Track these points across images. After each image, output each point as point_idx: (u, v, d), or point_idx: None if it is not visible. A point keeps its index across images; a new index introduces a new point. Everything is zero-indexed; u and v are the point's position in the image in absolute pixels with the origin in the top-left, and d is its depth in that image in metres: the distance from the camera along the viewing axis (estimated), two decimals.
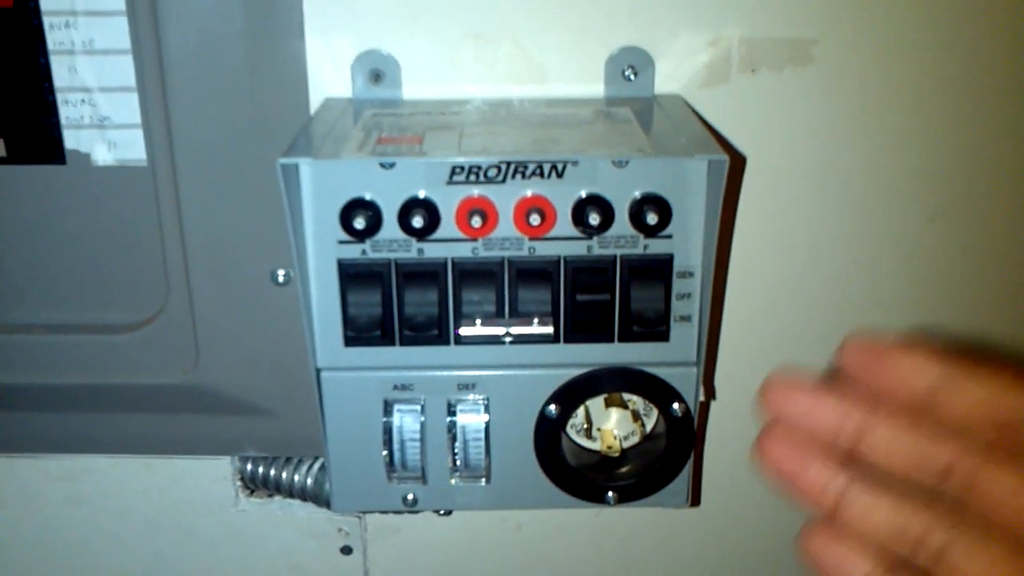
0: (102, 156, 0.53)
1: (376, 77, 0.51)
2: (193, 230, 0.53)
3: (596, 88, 0.51)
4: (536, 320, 0.45)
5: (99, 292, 0.56)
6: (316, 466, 0.60)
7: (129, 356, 0.56)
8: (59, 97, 0.52)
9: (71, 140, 0.53)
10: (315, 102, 0.51)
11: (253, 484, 0.61)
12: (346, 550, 0.63)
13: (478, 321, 0.45)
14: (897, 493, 0.31)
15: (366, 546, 0.63)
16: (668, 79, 0.51)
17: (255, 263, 0.54)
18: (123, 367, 0.56)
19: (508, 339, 0.45)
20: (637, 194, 0.44)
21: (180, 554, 0.63)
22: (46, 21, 0.50)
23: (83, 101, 0.52)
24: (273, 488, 0.61)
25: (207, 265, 0.54)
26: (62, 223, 0.54)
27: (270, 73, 0.50)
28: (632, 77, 0.51)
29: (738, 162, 0.51)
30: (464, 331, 0.45)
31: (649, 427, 0.49)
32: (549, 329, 0.45)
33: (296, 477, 0.60)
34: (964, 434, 0.30)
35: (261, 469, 0.61)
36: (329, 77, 0.51)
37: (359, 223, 0.43)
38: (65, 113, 0.52)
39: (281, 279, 0.54)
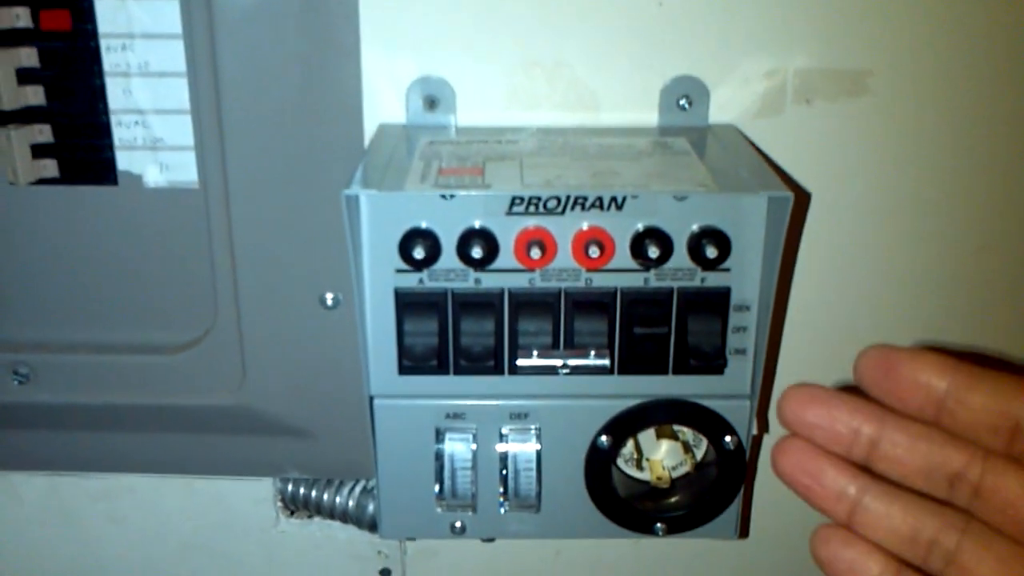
0: (154, 178, 0.53)
1: (431, 103, 0.51)
2: (243, 252, 0.53)
3: (650, 117, 0.51)
4: (593, 352, 0.45)
5: (148, 312, 0.56)
6: (357, 488, 0.60)
7: (176, 376, 0.56)
8: (113, 119, 0.52)
9: (123, 161, 0.53)
10: (368, 126, 0.51)
11: (294, 505, 0.61)
12: (385, 572, 0.63)
13: (534, 352, 0.45)
14: (909, 499, 0.32)
15: (405, 569, 0.62)
16: (722, 109, 0.51)
17: (304, 286, 0.54)
18: (169, 387, 0.56)
19: (565, 371, 0.45)
20: (696, 228, 0.43)
21: (219, 575, 0.63)
22: (103, 43, 0.50)
23: (136, 123, 0.52)
24: (313, 510, 0.61)
25: (256, 287, 0.54)
26: (113, 243, 0.55)
27: (324, 97, 0.50)
28: (687, 107, 0.50)
29: (802, 199, 0.51)
30: (521, 362, 0.45)
31: (699, 456, 0.49)
32: (606, 361, 0.45)
33: (338, 499, 0.60)
34: (974, 441, 0.31)
35: (302, 490, 0.61)
36: (383, 102, 0.51)
37: (418, 253, 0.43)
38: (118, 134, 0.52)
39: (330, 303, 0.54)
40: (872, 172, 0.52)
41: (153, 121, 0.52)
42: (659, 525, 0.49)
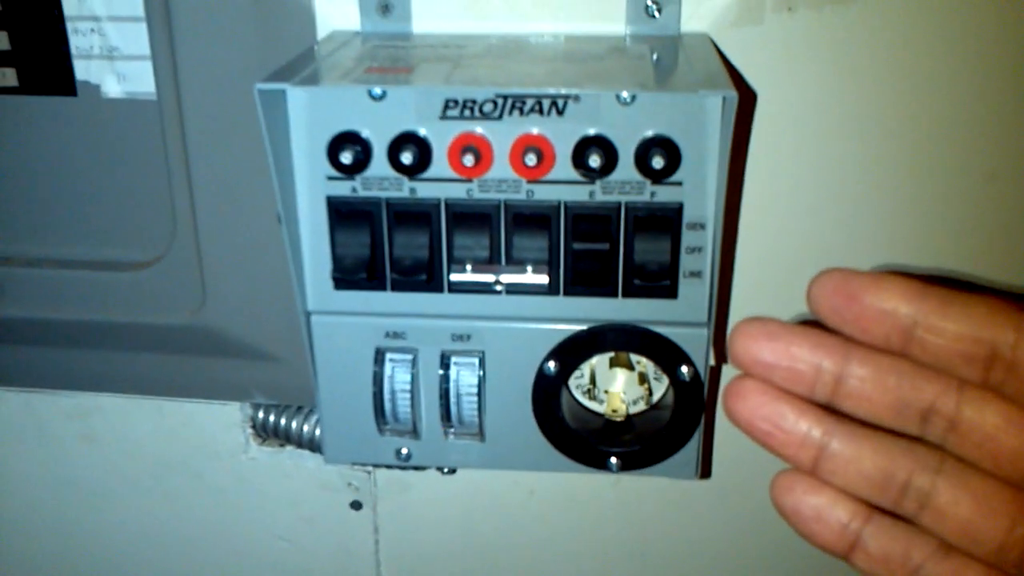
0: (112, 88, 0.52)
1: (384, 9, 0.48)
2: (199, 167, 0.51)
3: (619, 26, 0.47)
4: (531, 268, 0.42)
5: (108, 228, 0.55)
6: None
7: (138, 294, 0.55)
8: (69, 26, 0.51)
9: (81, 71, 0.52)
10: (322, 33, 0.48)
11: (264, 432, 0.60)
12: (356, 505, 0.61)
13: (468, 267, 0.42)
14: (879, 439, 0.30)
15: (376, 502, 0.61)
16: (695, 17, 0.47)
17: (261, 203, 0.52)
18: (131, 305, 0.55)
19: (500, 287, 0.43)
20: (643, 135, 0.40)
21: (190, 497, 0.62)
22: None
23: (92, 30, 0.51)
24: (284, 437, 0.60)
25: (213, 204, 0.52)
26: (73, 156, 0.54)
27: (276, 3, 0.48)
28: (656, 14, 0.47)
29: (748, 99, 0.47)
30: (454, 277, 0.43)
31: (659, 393, 0.46)
32: (544, 279, 0.42)
33: (306, 427, 0.59)
34: (947, 371, 0.28)
35: (272, 417, 0.60)
36: (339, 8, 0.48)
37: (347, 157, 0.41)
38: (75, 42, 0.51)
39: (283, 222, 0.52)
40: (858, 87, 0.47)
41: (109, 28, 0.51)
42: (613, 460, 0.46)
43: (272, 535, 0.63)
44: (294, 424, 0.59)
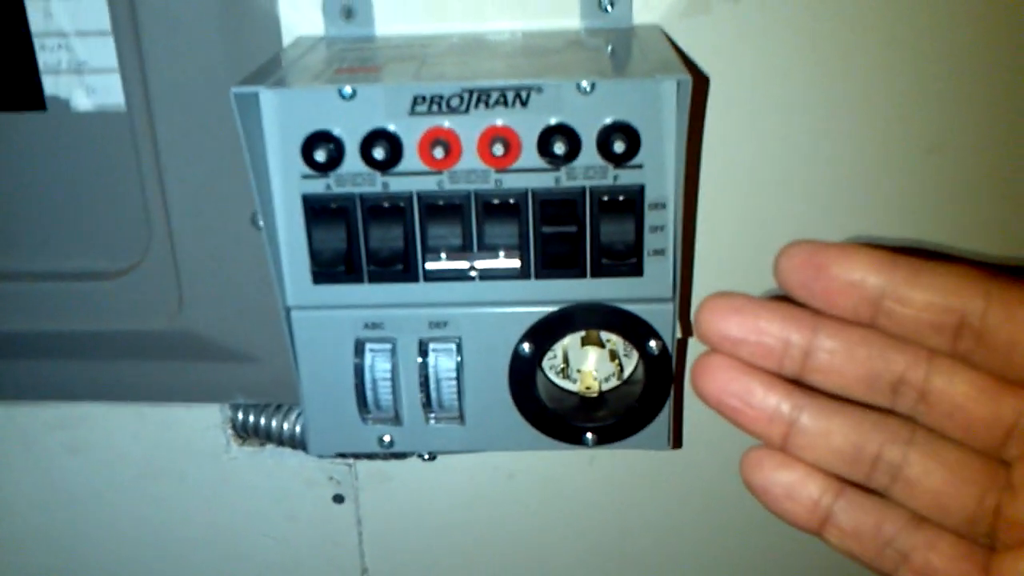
0: (81, 102, 0.53)
1: (347, 13, 0.50)
2: (172, 175, 0.53)
3: (574, 21, 0.50)
4: (502, 254, 0.44)
5: (83, 239, 0.56)
6: None
7: (114, 303, 0.56)
8: (36, 42, 0.52)
9: (50, 86, 0.53)
10: (287, 40, 0.50)
11: (244, 432, 0.61)
12: (338, 499, 0.63)
13: (442, 255, 0.44)
14: (849, 412, 0.30)
15: (358, 494, 0.62)
16: (646, 9, 0.49)
17: (234, 207, 0.53)
18: (109, 314, 0.56)
19: (474, 273, 0.45)
20: (603, 122, 0.42)
21: (174, 501, 0.63)
22: None
23: (60, 46, 0.52)
24: (264, 436, 0.61)
25: (187, 210, 0.53)
26: (45, 170, 0.55)
27: (241, 11, 0.49)
28: (609, 8, 0.49)
29: (701, 82, 0.50)
30: (429, 265, 0.45)
31: (629, 369, 0.48)
32: (516, 263, 0.44)
33: (286, 425, 0.60)
34: (916, 341, 0.28)
35: (252, 417, 0.61)
36: (302, 15, 0.50)
37: (320, 156, 0.42)
38: (43, 58, 0.52)
39: (261, 223, 0.53)
40: (805, 69, 0.50)
41: (76, 44, 0.52)
42: (589, 436, 0.49)
43: (257, 532, 0.64)
44: (274, 423, 0.61)
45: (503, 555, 0.64)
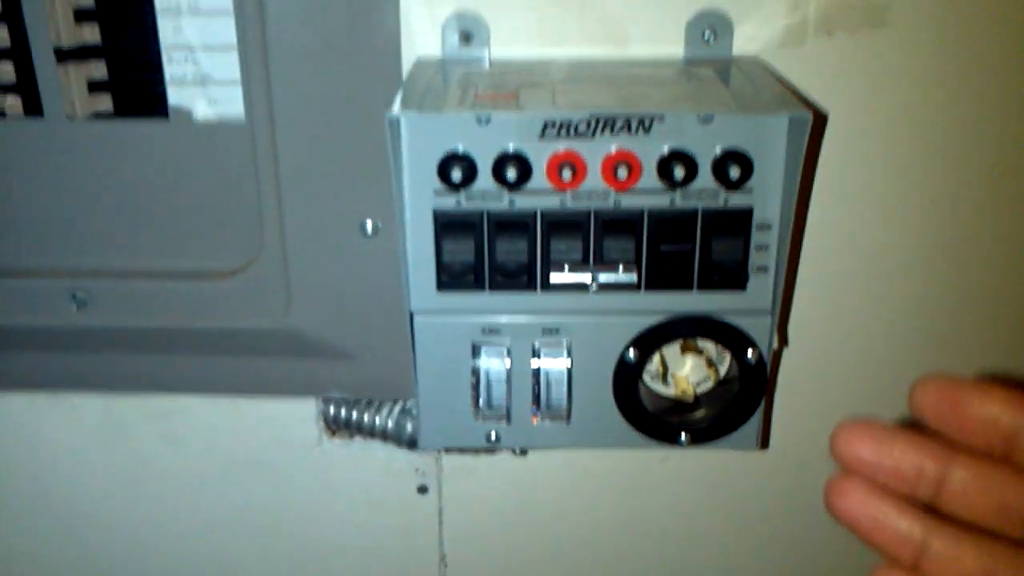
0: (203, 112, 0.56)
1: (466, 38, 0.53)
2: (288, 183, 0.56)
3: (676, 50, 0.53)
4: (621, 268, 0.48)
5: (198, 240, 0.59)
6: (396, 409, 0.64)
7: (224, 301, 0.59)
8: (164, 56, 0.55)
9: (174, 96, 0.56)
10: (406, 60, 0.53)
11: (335, 425, 0.65)
12: (422, 489, 0.66)
13: (566, 268, 0.48)
14: (979, 540, 0.30)
15: (441, 486, 0.66)
16: (745, 41, 0.53)
17: (345, 215, 0.56)
18: (218, 311, 0.59)
19: (594, 287, 0.48)
20: (720, 150, 0.46)
21: (265, 491, 0.66)
22: None
23: (186, 59, 0.55)
24: (355, 430, 0.64)
25: (300, 217, 0.57)
26: (165, 175, 0.58)
27: (365, 33, 0.52)
28: (711, 40, 0.53)
29: (820, 120, 0.53)
30: (554, 279, 0.48)
31: (723, 372, 0.52)
32: (633, 277, 0.48)
33: (377, 419, 0.64)
34: None
35: (343, 412, 0.64)
36: (420, 37, 0.53)
37: (456, 175, 0.46)
38: (170, 71, 0.55)
39: (370, 230, 0.57)
40: (891, 102, 0.54)
41: (202, 58, 0.55)
42: (683, 436, 0.52)
43: (343, 520, 0.67)
44: (365, 417, 0.64)
45: (576, 545, 0.68)
